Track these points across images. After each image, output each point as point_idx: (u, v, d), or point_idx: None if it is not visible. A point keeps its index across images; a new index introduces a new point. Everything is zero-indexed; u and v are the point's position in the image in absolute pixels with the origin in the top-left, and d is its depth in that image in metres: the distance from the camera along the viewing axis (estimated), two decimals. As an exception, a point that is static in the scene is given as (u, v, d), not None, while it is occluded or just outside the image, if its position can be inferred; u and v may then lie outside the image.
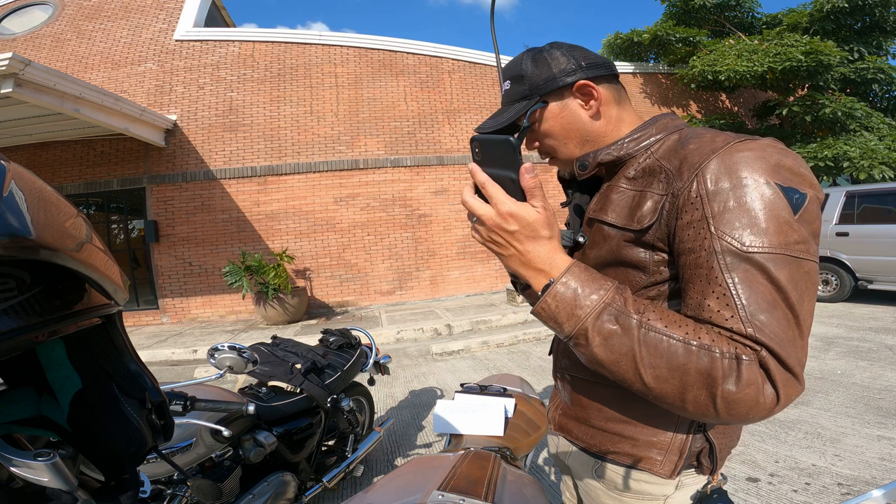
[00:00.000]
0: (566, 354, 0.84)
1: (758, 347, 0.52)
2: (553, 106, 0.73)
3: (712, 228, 0.56)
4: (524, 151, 0.79)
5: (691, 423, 0.71)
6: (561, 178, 0.87)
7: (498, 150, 0.59)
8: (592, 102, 0.72)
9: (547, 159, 0.81)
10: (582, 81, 0.71)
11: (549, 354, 0.96)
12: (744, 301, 0.53)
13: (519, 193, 0.59)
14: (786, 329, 0.53)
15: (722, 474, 0.76)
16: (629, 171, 0.71)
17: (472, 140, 0.62)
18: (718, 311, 0.55)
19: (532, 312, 0.61)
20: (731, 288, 0.54)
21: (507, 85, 0.76)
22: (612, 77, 0.75)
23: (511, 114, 0.72)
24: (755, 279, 0.54)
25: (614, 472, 0.77)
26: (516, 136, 0.60)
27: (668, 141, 0.69)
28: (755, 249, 0.54)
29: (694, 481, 0.74)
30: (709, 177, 0.58)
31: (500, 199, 0.58)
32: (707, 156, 0.59)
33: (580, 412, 0.82)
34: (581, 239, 0.78)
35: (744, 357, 0.52)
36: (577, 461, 0.86)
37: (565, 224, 1.00)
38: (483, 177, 0.59)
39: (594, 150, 0.74)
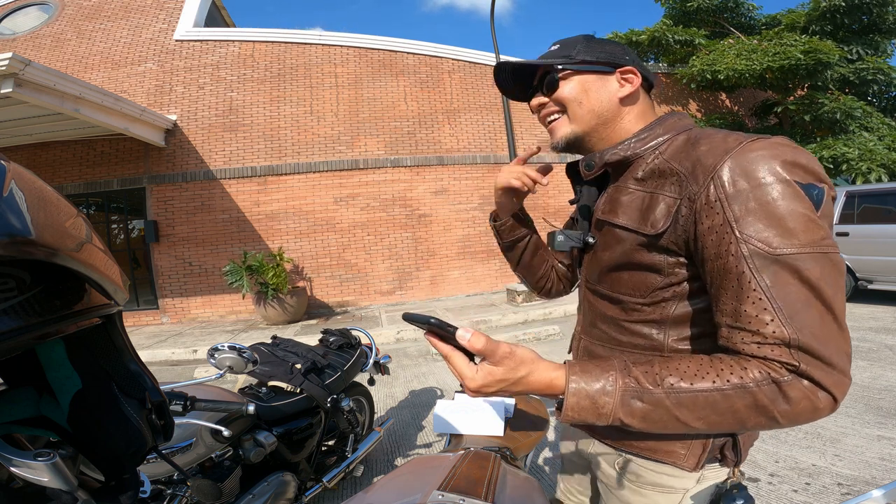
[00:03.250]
0: (587, 354, 0.85)
1: (794, 362, 0.52)
2: (592, 75, 0.74)
3: (737, 232, 0.55)
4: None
5: None
6: (570, 175, 0.85)
7: (431, 328, 0.61)
8: (628, 86, 0.74)
9: (548, 122, 0.79)
10: (630, 67, 0.74)
11: (569, 353, 0.94)
12: (780, 304, 0.52)
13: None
14: (822, 326, 0.52)
15: (741, 471, 0.76)
16: (637, 171, 0.70)
17: (404, 318, 0.64)
18: (757, 315, 0.54)
19: (561, 421, 0.62)
20: (766, 292, 0.53)
21: (555, 47, 0.78)
22: (651, 87, 0.79)
23: (548, 59, 0.75)
24: (788, 281, 0.53)
25: (637, 465, 0.78)
26: (435, 318, 0.61)
27: (676, 142, 0.68)
28: (785, 251, 0.53)
29: (716, 475, 0.74)
30: (726, 179, 0.56)
31: (467, 375, 0.60)
32: (721, 157, 0.58)
33: None
34: (591, 240, 0.78)
35: (782, 379, 0.52)
36: (598, 456, 0.87)
37: (567, 224, 0.99)
38: (444, 350, 0.61)
39: (600, 150, 0.75)
